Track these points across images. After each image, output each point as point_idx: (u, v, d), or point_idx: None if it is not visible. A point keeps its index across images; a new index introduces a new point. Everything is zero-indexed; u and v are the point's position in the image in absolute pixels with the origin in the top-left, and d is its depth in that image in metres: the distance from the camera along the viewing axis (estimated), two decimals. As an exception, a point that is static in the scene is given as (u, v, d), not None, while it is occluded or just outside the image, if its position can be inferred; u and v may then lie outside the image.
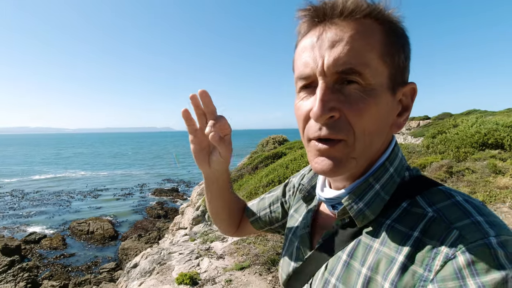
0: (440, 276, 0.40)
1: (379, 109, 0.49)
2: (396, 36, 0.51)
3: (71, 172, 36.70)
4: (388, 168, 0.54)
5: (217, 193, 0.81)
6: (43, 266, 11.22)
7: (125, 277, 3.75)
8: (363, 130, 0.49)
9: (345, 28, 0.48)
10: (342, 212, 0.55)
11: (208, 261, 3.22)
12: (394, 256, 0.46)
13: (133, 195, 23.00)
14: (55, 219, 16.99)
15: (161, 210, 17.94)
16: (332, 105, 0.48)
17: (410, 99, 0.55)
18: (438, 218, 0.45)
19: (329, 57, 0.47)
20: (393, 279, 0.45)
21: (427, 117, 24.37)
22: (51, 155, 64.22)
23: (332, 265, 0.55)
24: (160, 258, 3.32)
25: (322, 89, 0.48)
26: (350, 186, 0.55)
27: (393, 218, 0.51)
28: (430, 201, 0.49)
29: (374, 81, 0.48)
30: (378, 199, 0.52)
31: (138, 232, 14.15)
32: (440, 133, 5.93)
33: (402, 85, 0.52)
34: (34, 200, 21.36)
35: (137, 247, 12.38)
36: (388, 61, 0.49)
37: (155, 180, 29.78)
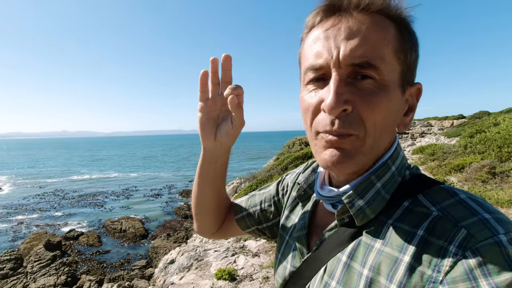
0: (450, 277, 0.39)
1: (390, 106, 0.48)
2: (408, 34, 0.50)
3: (105, 173, 38.83)
4: (390, 166, 0.53)
5: (212, 177, 0.74)
6: (81, 261, 11.93)
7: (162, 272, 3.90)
8: (374, 125, 0.47)
9: (363, 20, 0.47)
10: (342, 210, 0.53)
11: (244, 258, 3.26)
12: (398, 257, 0.44)
13: (161, 196, 23.81)
14: (91, 217, 18.05)
15: (188, 210, 18.36)
16: (346, 97, 0.46)
17: (416, 99, 0.54)
18: (444, 217, 0.43)
19: (346, 48, 0.46)
20: (401, 280, 0.42)
21: (462, 116, 22.90)
22: (87, 157, 68.41)
23: (331, 267, 0.53)
24: (197, 255, 3.42)
25: (336, 81, 0.47)
26: (352, 184, 0.53)
27: (394, 217, 0.49)
28: (433, 199, 0.47)
29: (387, 77, 0.47)
30: (379, 197, 0.51)
31: (166, 232, 14.59)
32: (478, 132, 5.56)
33: (410, 85, 0.52)
34: (73, 199, 22.87)
35: (166, 246, 12.77)
36: (401, 58, 0.48)
37: (182, 182, 30.62)
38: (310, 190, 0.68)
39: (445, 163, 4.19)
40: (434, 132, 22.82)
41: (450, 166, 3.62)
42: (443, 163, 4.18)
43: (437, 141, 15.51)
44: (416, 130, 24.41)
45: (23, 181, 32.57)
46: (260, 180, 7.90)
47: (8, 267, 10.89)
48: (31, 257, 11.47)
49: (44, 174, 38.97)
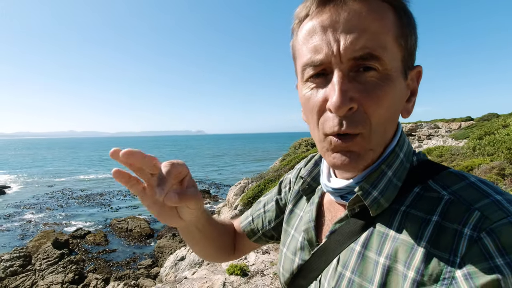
0: (468, 259, 0.39)
1: (394, 96, 0.47)
2: (407, 18, 0.48)
3: (111, 173, 39.20)
4: (398, 154, 0.52)
5: (200, 236, 0.70)
6: (88, 260, 12.08)
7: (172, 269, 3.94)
8: (378, 120, 0.46)
9: (360, 8, 0.44)
10: (353, 201, 0.53)
11: (255, 255, 3.29)
12: (414, 243, 0.44)
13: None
14: (98, 216, 18.26)
15: (194, 211, 18.42)
16: (351, 95, 0.44)
17: (417, 82, 0.53)
18: (456, 201, 0.43)
19: (346, 40, 0.43)
20: (418, 267, 0.42)
21: (470, 118, 22.58)
22: (94, 157, 69.18)
23: (345, 258, 0.52)
24: None
25: (340, 77, 0.44)
26: (362, 175, 0.52)
27: (406, 204, 0.48)
28: (443, 184, 0.47)
29: (390, 66, 0.45)
30: (391, 186, 0.50)
31: (172, 232, 14.66)
32: (487, 134, 5.49)
33: (411, 69, 0.50)
34: (80, 198, 23.17)
35: (171, 246, 12.83)
36: (402, 43, 0.47)
37: (188, 182, 30.72)
38: (314, 183, 0.67)
39: (453, 164, 4.16)
40: (442, 134, 22.55)
41: (458, 168, 3.61)
42: (451, 165, 4.15)
43: (445, 143, 15.35)
44: (423, 132, 24.16)
45: (32, 180, 33.10)
46: (268, 180, 7.90)
47: (17, 264, 11.08)
48: (40, 254, 11.66)
49: (51, 173, 39.53)
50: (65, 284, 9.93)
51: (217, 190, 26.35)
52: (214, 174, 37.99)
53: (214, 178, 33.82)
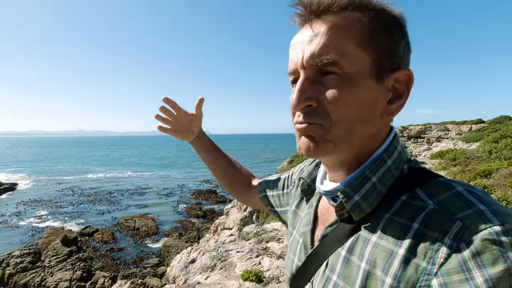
0: (445, 269, 0.39)
1: (357, 96, 0.48)
2: (378, 23, 0.50)
3: (119, 172, 39.71)
4: (385, 160, 0.53)
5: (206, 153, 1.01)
6: (96, 257, 12.22)
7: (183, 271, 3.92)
8: (341, 117, 0.49)
9: (323, 23, 0.50)
10: (340, 206, 0.54)
11: (269, 260, 3.22)
12: (393, 249, 0.45)
13: (174, 195, 24.14)
14: (106, 215, 18.48)
15: (200, 211, 18.56)
16: (309, 95, 0.50)
17: (405, 86, 0.52)
18: (440, 210, 0.43)
19: (307, 51, 0.50)
20: (396, 273, 0.43)
21: (481, 121, 22.10)
22: (102, 156, 70.21)
23: (332, 262, 0.54)
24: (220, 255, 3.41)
25: (300, 80, 0.51)
26: (347, 179, 0.54)
27: (392, 211, 0.49)
28: (430, 193, 0.47)
29: (351, 70, 0.48)
30: (375, 191, 0.51)
31: (178, 231, 14.77)
32: (503, 137, 5.35)
33: (390, 71, 0.51)
34: (89, 196, 23.50)
35: (178, 245, 12.92)
36: (368, 48, 0.49)
37: (194, 182, 30.95)
38: (313, 185, 0.69)
39: (469, 168, 4.05)
40: (452, 136, 22.14)
41: (474, 172, 3.49)
42: (466, 169, 4.04)
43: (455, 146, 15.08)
44: (432, 134, 23.76)
45: (42, 178, 33.75)
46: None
47: (27, 260, 11.28)
48: (49, 251, 11.85)
49: (61, 171, 40.25)
50: (73, 281, 10.06)
51: (223, 190, 26.41)
52: (221, 174, 38.08)
53: (221, 178, 33.90)
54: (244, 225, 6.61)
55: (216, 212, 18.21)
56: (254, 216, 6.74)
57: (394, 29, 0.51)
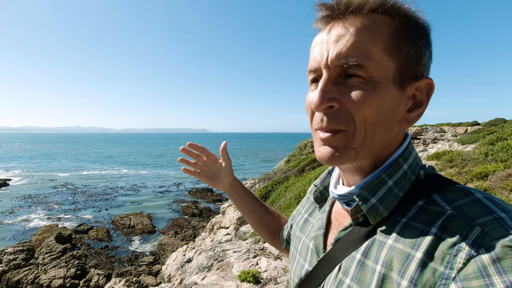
0: (463, 274, 0.38)
1: (380, 101, 0.48)
2: (407, 30, 0.50)
3: (115, 169, 39.46)
4: (401, 165, 0.53)
5: (241, 203, 0.96)
6: (90, 255, 12.13)
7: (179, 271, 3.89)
8: (363, 120, 0.49)
9: (351, 23, 0.49)
10: (355, 209, 0.54)
11: (266, 260, 3.19)
12: (410, 252, 0.44)
13: (170, 193, 24.04)
14: (101, 212, 18.35)
15: (196, 209, 18.50)
16: (332, 95, 0.49)
17: (426, 95, 0.52)
18: (458, 215, 0.43)
19: (333, 51, 0.49)
20: (412, 276, 0.42)
21: (476, 123, 22.30)
22: (98, 153, 69.72)
23: (346, 265, 0.53)
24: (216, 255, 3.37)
25: (323, 80, 0.50)
26: (362, 182, 0.54)
27: (409, 216, 0.49)
28: (448, 199, 0.47)
29: (376, 74, 0.48)
30: (392, 195, 0.51)
31: (174, 229, 14.70)
32: (499, 139, 5.39)
33: (413, 80, 0.51)
34: (83, 193, 23.32)
35: (173, 244, 12.86)
36: (395, 54, 0.49)
37: (190, 180, 30.83)
38: (326, 192, 0.70)
39: (465, 170, 4.07)
40: (447, 138, 22.32)
41: (471, 174, 3.51)
42: (463, 170, 4.05)
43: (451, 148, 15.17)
44: (428, 136, 23.93)
45: (36, 174, 33.44)
46: (276, 181, 7.83)
47: (20, 257, 11.15)
48: (43, 248, 11.73)
49: (56, 168, 39.89)
50: (67, 279, 9.97)
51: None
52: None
53: (217, 177, 33.83)
54: (241, 224, 6.59)
55: (212, 211, 18.17)
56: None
57: (421, 38, 0.51)
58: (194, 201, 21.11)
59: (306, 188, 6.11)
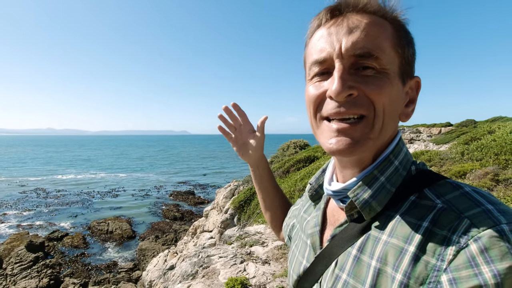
0: (454, 265, 0.40)
1: (393, 92, 0.51)
2: (404, 32, 0.54)
3: (92, 173, 37.90)
4: (392, 161, 0.54)
5: (260, 181, 0.96)
6: (65, 263, 11.51)
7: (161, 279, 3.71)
8: (382, 108, 0.50)
9: (363, 17, 0.52)
10: (350, 206, 0.55)
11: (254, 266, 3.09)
12: (403, 247, 0.46)
13: (150, 197, 23.39)
14: (76, 218, 17.50)
15: (177, 212, 18.11)
16: (350, 84, 0.50)
17: (416, 92, 0.57)
18: (448, 209, 0.45)
19: (347, 40, 0.50)
20: (406, 270, 0.44)
21: (449, 124, 23.51)
22: (73, 157, 66.71)
23: (342, 261, 0.55)
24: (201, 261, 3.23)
25: (340, 69, 0.50)
26: (355, 179, 0.56)
27: (401, 211, 0.50)
28: (438, 193, 0.48)
29: (388, 66, 0.50)
30: (384, 190, 0.52)
31: (155, 233, 14.31)
32: (474, 139, 5.65)
33: (410, 78, 0.55)
34: (56, 198, 22.16)
35: (154, 248, 12.49)
36: (399, 51, 0.52)
37: (172, 183, 30.20)
38: (321, 190, 0.71)
39: (444, 169, 4.21)
40: (423, 138, 23.30)
41: (450, 173, 3.64)
42: (442, 170, 4.20)
43: (427, 148, 15.85)
44: (405, 136, 24.86)
45: (4, 180, 31.39)
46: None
47: (-14, 269, 10.38)
48: (11, 258, 10.97)
49: (27, 173, 37.69)
50: (39, 290, 9.38)
51: (202, 191, 26.00)
52: (200, 174, 37.46)
53: (199, 179, 33.33)
54: (225, 227, 6.47)
55: (195, 214, 17.86)
56: (235, 218, 6.62)
57: (412, 41, 0.55)
58: (176, 204, 20.66)
59: (291, 190, 6.13)
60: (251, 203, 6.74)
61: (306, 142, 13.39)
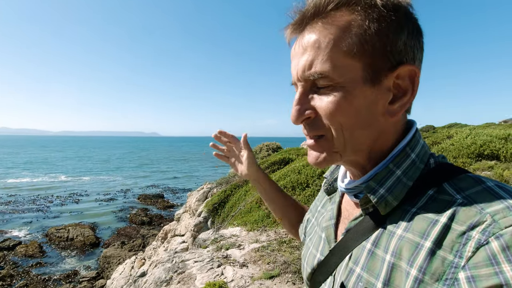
0: (473, 263, 0.39)
1: (352, 105, 0.49)
2: (374, 21, 0.47)
3: (51, 176, 35.22)
4: (409, 153, 0.53)
5: (264, 193, 0.98)
6: (18, 275, 10.51)
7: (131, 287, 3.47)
8: (339, 127, 0.50)
9: (313, 33, 0.50)
10: (365, 200, 0.54)
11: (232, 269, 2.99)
12: (419, 242, 0.45)
13: (116, 201, 22.24)
14: (31, 225, 16.10)
15: (146, 216, 17.40)
16: (306, 107, 0.52)
17: (410, 82, 0.50)
18: (468, 204, 0.43)
19: (300, 65, 0.51)
20: (421, 265, 0.43)
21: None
22: (30, 158, 61.60)
23: (356, 254, 0.55)
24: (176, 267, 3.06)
25: (297, 94, 0.53)
26: (369, 174, 0.54)
27: (419, 206, 0.49)
28: (458, 187, 0.47)
29: (342, 79, 0.48)
30: (400, 184, 0.51)
31: (121, 239, 13.63)
32: (434, 143, 6.05)
33: (389, 70, 0.49)
34: (8, 205, 20.22)
35: (120, 255, 11.86)
36: (358, 54, 0.48)
37: (140, 186, 29.00)
38: (335, 183, 0.71)
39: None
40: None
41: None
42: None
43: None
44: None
45: None
46: (235, 185, 7.67)
47: None
48: (-47, 271, 9.80)
49: (-26, 175, 34.10)
50: (-14, 305, 8.46)
51: (171, 194, 25.23)
52: (170, 178, 36.33)
53: (169, 182, 32.32)
54: (199, 231, 6.28)
55: (164, 218, 17.27)
56: (209, 221, 6.46)
57: (390, 24, 0.47)
58: (144, 208, 19.83)
59: None
60: (225, 205, 6.63)
61: (279, 144, 13.55)
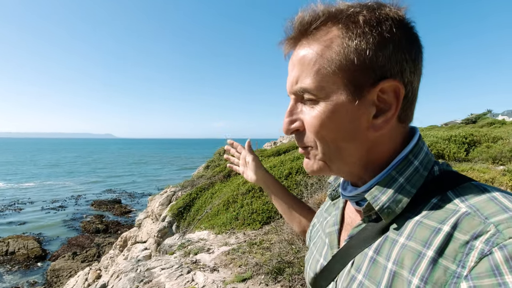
0: (475, 273, 0.38)
1: (333, 119, 0.50)
2: (354, 38, 0.47)
3: (-15, 182, 31.15)
4: (412, 161, 0.52)
5: (273, 196, 1.00)
6: None
7: None
8: (323, 139, 0.53)
9: (299, 49, 0.53)
10: (367, 208, 0.54)
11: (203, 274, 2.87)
12: (421, 250, 0.45)
13: (66, 208, 20.44)
14: (-39, 238, 14.07)
15: (101, 224, 16.24)
16: (295, 119, 0.55)
17: (394, 96, 0.49)
18: (472, 213, 0.43)
19: (289, 80, 0.55)
20: (423, 274, 0.43)
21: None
22: (-42, 162, 53.91)
23: (358, 261, 0.55)
24: (141, 276, 2.83)
25: (288, 107, 0.57)
26: (371, 182, 0.54)
27: (422, 214, 0.49)
28: (462, 196, 0.46)
29: (323, 94, 0.50)
30: (404, 192, 0.50)
31: (72, 250, 12.57)
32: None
33: (371, 86, 0.48)
34: None
35: (71, 267, 10.92)
36: (339, 70, 0.48)
37: (93, 191, 26.98)
38: (339, 189, 0.70)
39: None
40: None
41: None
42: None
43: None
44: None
45: None
46: (201, 188, 7.44)
47: None
48: None
49: None
50: None
51: (129, 199, 23.86)
52: (127, 182, 34.31)
53: (127, 187, 30.53)
54: (163, 237, 5.99)
55: (122, 224, 16.27)
56: (174, 226, 6.19)
57: (372, 40, 0.47)
58: (99, 214, 18.49)
59: (234, 193, 5.82)
60: (191, 209, 6.40)
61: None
